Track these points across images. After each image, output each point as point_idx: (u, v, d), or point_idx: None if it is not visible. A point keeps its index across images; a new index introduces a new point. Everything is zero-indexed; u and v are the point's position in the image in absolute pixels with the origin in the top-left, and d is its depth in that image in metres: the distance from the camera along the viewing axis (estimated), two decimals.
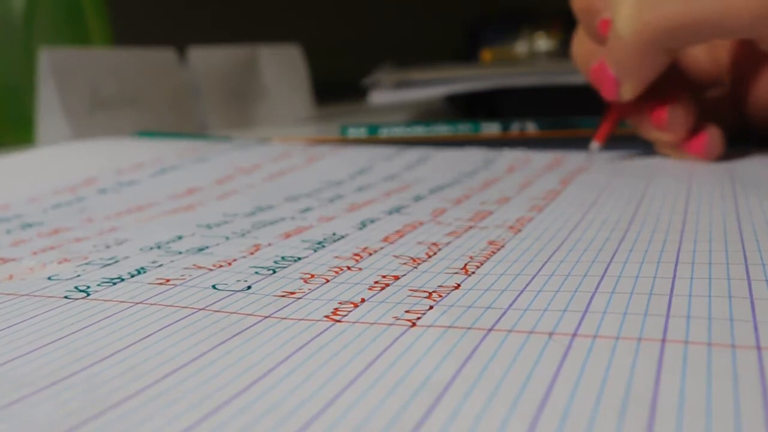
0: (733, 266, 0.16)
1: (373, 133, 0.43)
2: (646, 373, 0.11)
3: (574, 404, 0.10)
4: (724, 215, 0.20)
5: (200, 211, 0.26)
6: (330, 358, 0.12)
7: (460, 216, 0.23)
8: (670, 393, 0.10)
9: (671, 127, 0.29)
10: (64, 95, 0.44)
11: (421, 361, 0.12)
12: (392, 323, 0.13)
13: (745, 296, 0.14)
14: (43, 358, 0.13)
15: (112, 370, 0.12)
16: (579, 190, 0.26)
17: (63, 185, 0.30)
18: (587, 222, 0.21)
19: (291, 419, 0.10)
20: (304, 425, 0.10)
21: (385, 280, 0.16)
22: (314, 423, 0.10)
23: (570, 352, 0.12)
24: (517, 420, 0.09)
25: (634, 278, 0.15)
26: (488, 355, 0.12)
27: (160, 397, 0.11)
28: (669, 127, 0.29)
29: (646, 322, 0.13)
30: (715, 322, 0.12)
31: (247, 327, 0.14)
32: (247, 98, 0.59)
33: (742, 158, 0.30)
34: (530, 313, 0.13)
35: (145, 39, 0.52)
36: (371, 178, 0.30)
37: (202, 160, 0.35)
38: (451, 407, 0.10)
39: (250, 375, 0.11)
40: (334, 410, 0.10)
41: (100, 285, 0.17)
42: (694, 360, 0.11)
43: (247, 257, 0.19)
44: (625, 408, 0.10)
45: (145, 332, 0.14)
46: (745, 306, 0.13)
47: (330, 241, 0.20)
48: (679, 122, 0.29)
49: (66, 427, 0.10)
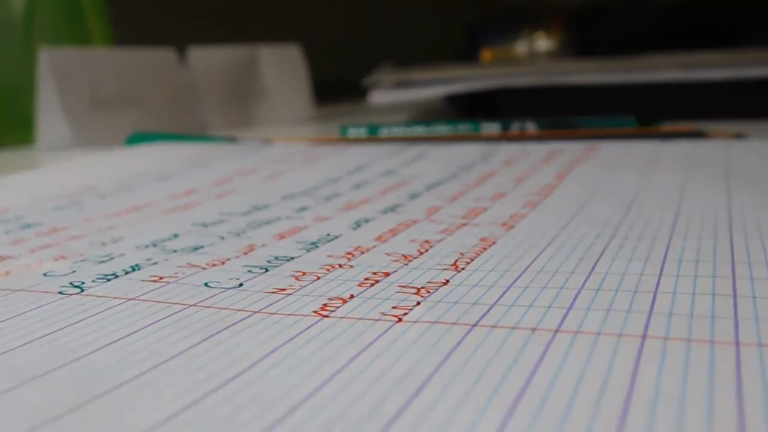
0: (720, 264, 0.16)
1: (373, 133, 0.43)
2: (623, 368, 0.11)
3: (550, 397, 0.10)
4: (716, 212, 0.21)
5: (197, 209, 0.26)
6: (315, 351, 0.12)
7: (455, 213, 0.23)
8: (645, 387, 0.10)
9: None
10: (64, 95, 0.45)
11: (404, 355, 0.12)
12: (379, 318, 0.14)
13: (729, 294, 0.14)
14: (35, 350, 0.13)
15: (101, 361, 0.12)
16: (574, 185, 0.26)
17: (64, 192, 0.31)
18: (580, 218, 0.21)
19: (272, 408, 0.10)
20: (285, 414, 0.10)
21: (375, 277, 0.16)
22: (295, 412, 0.10)
23: (551, 347, 0.12)
24: (493, 411, 0.10)
25: (620, 275, 0.15)
26: (470, 350, 0.12)
27: (147, 387, 0.11)
28: None
29: (628, 318, 0.13)
30: (696, 319, 0.13)
31: (237, 321, 0.14)
32: (247, 98, 0.59)
33: (742, 147, 0.30)
34: (515, 309, 0.14)
35: (145, 39, 0.53)
36: (369, 175, 0.31)
37: (202, 166, 0.35)
38: (430, 398, 0.10)
39: (234, 367, 0.12)
40: (314, 401, 0.10)
41: (94, 281, 0.17)
42: (672, 355, 0.11)
43: (241, 257, 0.19)
44: (600, 401, 0.10)
45: (135, 326, 0.14)
46: (728, 303, 0.13)
47: (324, 242, 0.20)
48: None
49: (53, 414, 0.10)
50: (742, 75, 0.44)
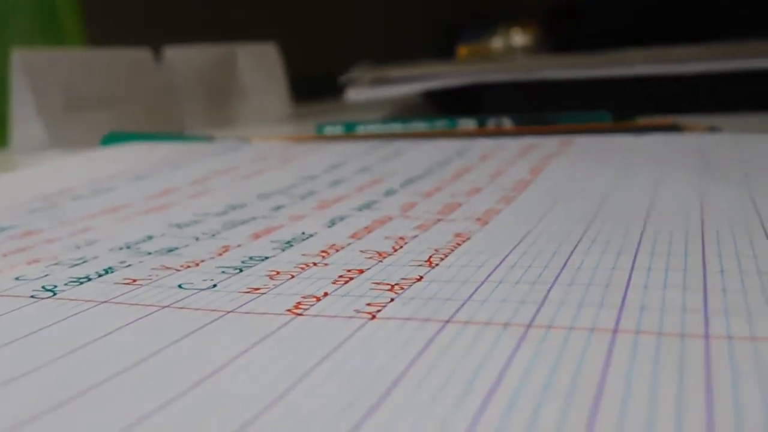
0: (691, 257, 0.16)
1: (350, 130, 0.43)
2: (595, 362, 0.11)
3: (522, 391, 0.10)
4: (688, 205, 0.21)
5: (173, 210, 0.26)
6: (288, 350, 0.12)
7: (430, 209, 0.23)
8: (617, 381, 0.10)
9: None
10: (38, 96, 0.44)
11: (377, 352, 0.12)
12: (353, 316, 0.14)
13: (699, 287, 0.14)
14: (7, 354, 0.13)
15: (73, 364, 0.12)
16: (548, 179, 0.26)
17: (39, 195, 0.30)
18: (554, 213, 0.21)
19: (246, 407, 0.10)
20: (256, 414, 0.10)
21: (349, 274, 0.16)
22: (268, 411, 0.10)
23: (523, 342, 0.12)
24: (465, 408, 0.10)
25: (593, 270, 0.16)
26: (443, 347, 0.12)
27: (119, 388, 0.11)
28: None
29: (600, 313, 0.13)
30: (667, 312, 0.13)
31: (209, 322, 0.14)
32: (225, 97, 0.59)
33: (715, 140, 0.30)
34: (488, 305, 0.14)
35: (120, 39, 0.52)
36: (345, 172, 0.31)
37: (178, 167, 0.35)
38: (402, 396, 0.10)
39: (207, 367, 0.12)
40: (287, 400, 0.10)
41: (67, 284, 0.17)
42: (643, 349, 0.11)
43: (215, 258, 0.19)
44: (571, 395, 0.10)
45: (108, 329, 0.14)
46: (698, 297, 0.13)
47: (299, 241, 0.20)
48: None
49: (27, 416, 0.10)
50: (715, 69, 0.44)
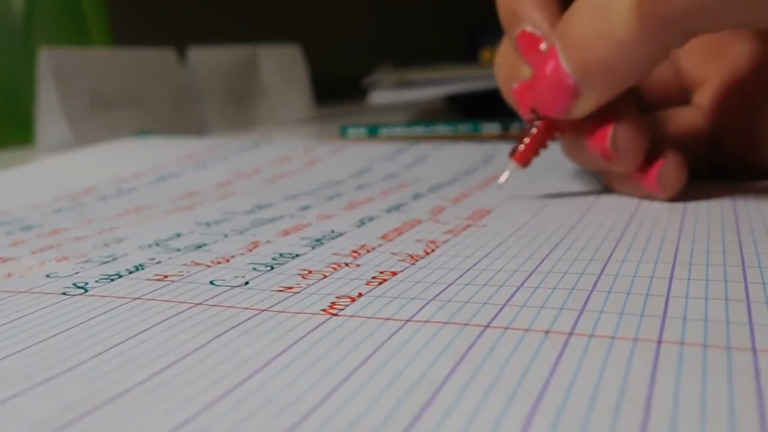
0: (731, 268, 0.16)
1: (373, 133, 0.43)
2: (641, 374, 0.11)
3: (568, 403, 0.10)
4: (722, 214, 0.20)
5: (199, 209, 0.26)
6: (326, 352, 0.12)
7: (459, 214, 0.23)
8: (664, 393, 0.10)
9: (617, 151, 0.22)
10: (64, 95, 0.44)
11: (416, 357, 0.12)
12: (389, 318, 0.13)
13: (742, 299, 0.14)
14: (40, 353, 0.12)
15: (108, 364, 0.12)
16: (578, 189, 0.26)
17: (63, 194, 0.30)
18: (586, 221, 0.21)
19: (284, 414, 0.10)
20: (297, 421, 0.10)
21: (382, 276, 0.16)
22: (308, 419, 0.10)
23: (566, 350, 0.12)
24: (511, 418, 0.09)
25: (631, 277, 0.15)
26: (484, 353, 0.12)
27: (156, 391, 0.11)
28: (614, 149, 0.22)
29: (642, 322, 0.13)
30: (711, 324, 0.12)
31: (244, 320, 0.14)
32: (247, 98, 0.59)
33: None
34: (527, 310, 0.13)
35: (145, 39, 0.52)
36: (371, 177, 0.30)
37: (201, 166, 0.35)
38: (446, 405, 0.10)
39: (245, 369, 0.11)
40: (327, 406, 0.10)
41: (98, 281, 0.17)
42: (689, 361, 0.11)
43: (246, 254, 0.19)
44: (619, 408, 0.10)
45: (142, 326, 0.14)
46: (742, 308, 0.13)
47: (328, 239, 0.20)
48: (627, 144, 0.22)
49: (62, 422, 0.10)
50: None
